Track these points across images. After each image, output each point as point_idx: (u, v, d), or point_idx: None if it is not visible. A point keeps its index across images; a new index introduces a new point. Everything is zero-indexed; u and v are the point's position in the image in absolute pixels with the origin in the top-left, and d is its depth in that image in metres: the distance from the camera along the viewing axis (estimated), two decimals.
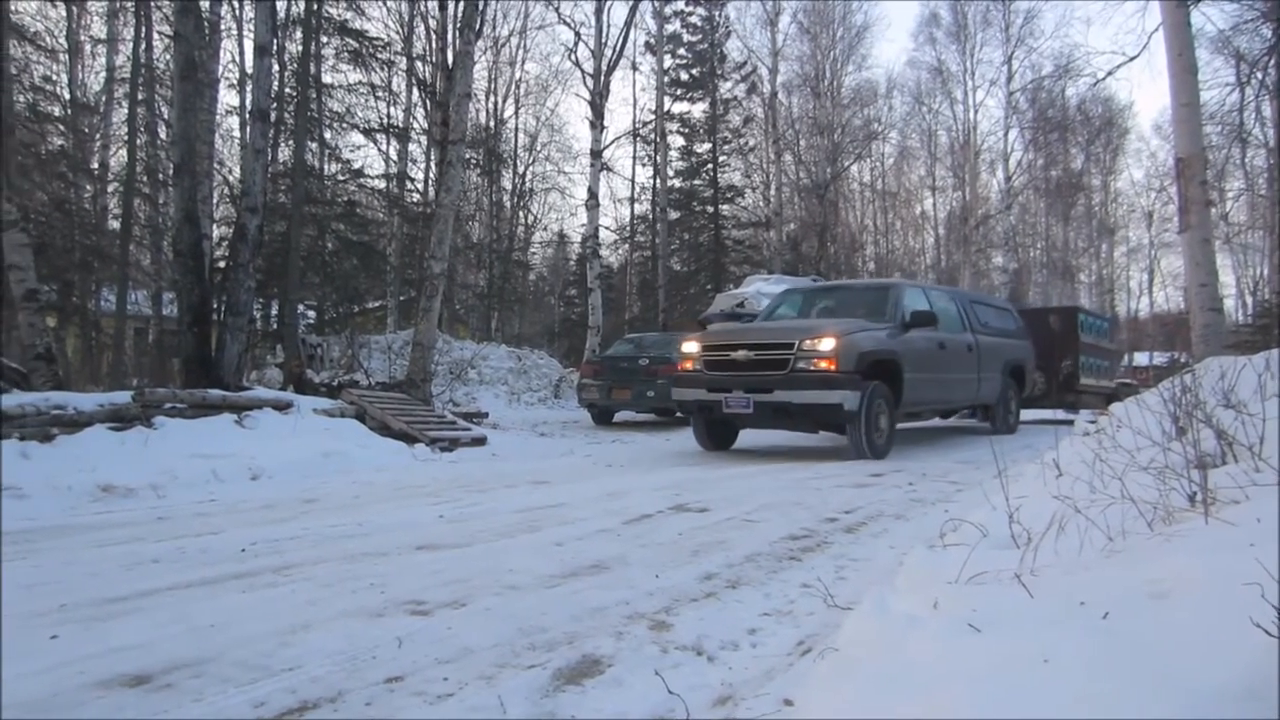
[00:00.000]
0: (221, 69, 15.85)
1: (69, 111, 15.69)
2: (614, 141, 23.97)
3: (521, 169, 26.83)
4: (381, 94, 17.33)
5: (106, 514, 4.47)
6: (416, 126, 20.36)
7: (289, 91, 15.00)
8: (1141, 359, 29.34)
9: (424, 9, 19.38)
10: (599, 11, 18.52)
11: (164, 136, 16.20)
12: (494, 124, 25.50)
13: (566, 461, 7.50)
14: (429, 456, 7.38)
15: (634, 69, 24.89)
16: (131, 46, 16.56)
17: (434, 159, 18.61)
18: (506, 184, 26.45)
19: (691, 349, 7.35)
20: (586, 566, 3.05)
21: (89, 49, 17.86)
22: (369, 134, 16.90)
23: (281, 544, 3.52)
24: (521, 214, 27.67)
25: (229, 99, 17.80)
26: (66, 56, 16.26)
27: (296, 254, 12.98)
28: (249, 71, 13.20)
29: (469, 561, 3.14)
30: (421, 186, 20.48)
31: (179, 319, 8.92)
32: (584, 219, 22.08)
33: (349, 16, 15.49)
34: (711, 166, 24.92)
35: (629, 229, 28.77)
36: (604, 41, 18.69)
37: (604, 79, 18.74)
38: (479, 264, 24.82)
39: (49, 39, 14.60)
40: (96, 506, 4.69)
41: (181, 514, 4.42)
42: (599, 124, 18.60)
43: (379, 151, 19.63)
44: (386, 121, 18.50)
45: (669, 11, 22.99)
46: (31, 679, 1.94)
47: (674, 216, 24.81)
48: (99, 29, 17.89)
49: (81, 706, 1.81)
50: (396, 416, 8.15)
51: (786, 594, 2.67)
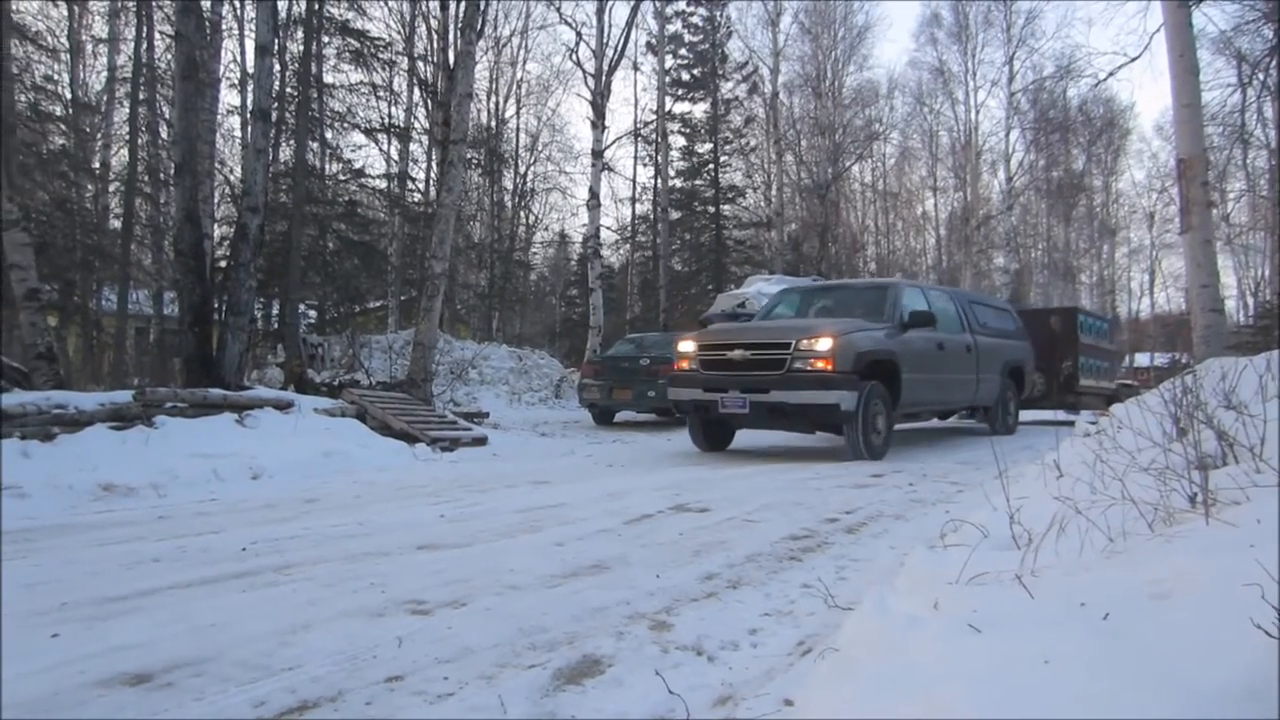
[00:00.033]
0: (223, 69, 15.90)
1: (70, 111, 15.71)
2: (615, 141, 24.04)
3: (523, 169, 26.91)
4: (383, 94, 17.38)
5: (107, 513, 4.48)
6: (418, 126, 20.39)
7: (290, 91, 15.01)
8: (1142, 360, 29.39)
9: (425, 9, 19.42)
10: (600, 11, 18.56)
11: (165, 136, 16.22)
12: (495, 124, 25.53)
13: (567, 461, 7.50)
14: (430, 456, 7.38)
15: (635, 69, 24.99)
16: (133, 46, 16.60)
17: (435, 159, 18.64)
18: (508, 184, 26.51)
19: (687, 348, 7.30)
20: (587, 566, 3.05)
21: (90, 48, 17.91)
22: (370, 134, 16.92)
23: (282, 543, 3.53)
24: (523, 214, 27.74)
25: (230, 99, 17.84)
26: (68, 56, 16.27)
27: (298, 254, 12.98)
28: (250, 71, 13.25)
29: (469, 561, 3.14)
30: (423, 186, 20.50)
31: (180, 318, 8.94)
32: (585, 219, 22.15)
33: (350, 16, 15.53)
34: (713, 166, 24.94)
35: (630, 229, 28.82)
36: (605, 41, 18.73)
37: (605, 79, 18.75)
38: (480, 264, 24.83)
39: (50, 38, 14.61)
40: (97, 505, 4.69)
41: (182, 513, 4.42)
42: (600, 124, 18.62)
43: (380, 151, 19.66)
44: (388, 121, 18.52)
45: (670, 12, 23.03)
46: (32, 678, 1.95)
47: (675, 216, 24.83)
48: (100, 28, 17.97)
49: (82, 706, 1.81)
50: (397, 416, 8.15)
51: (787, 594, 2.67)
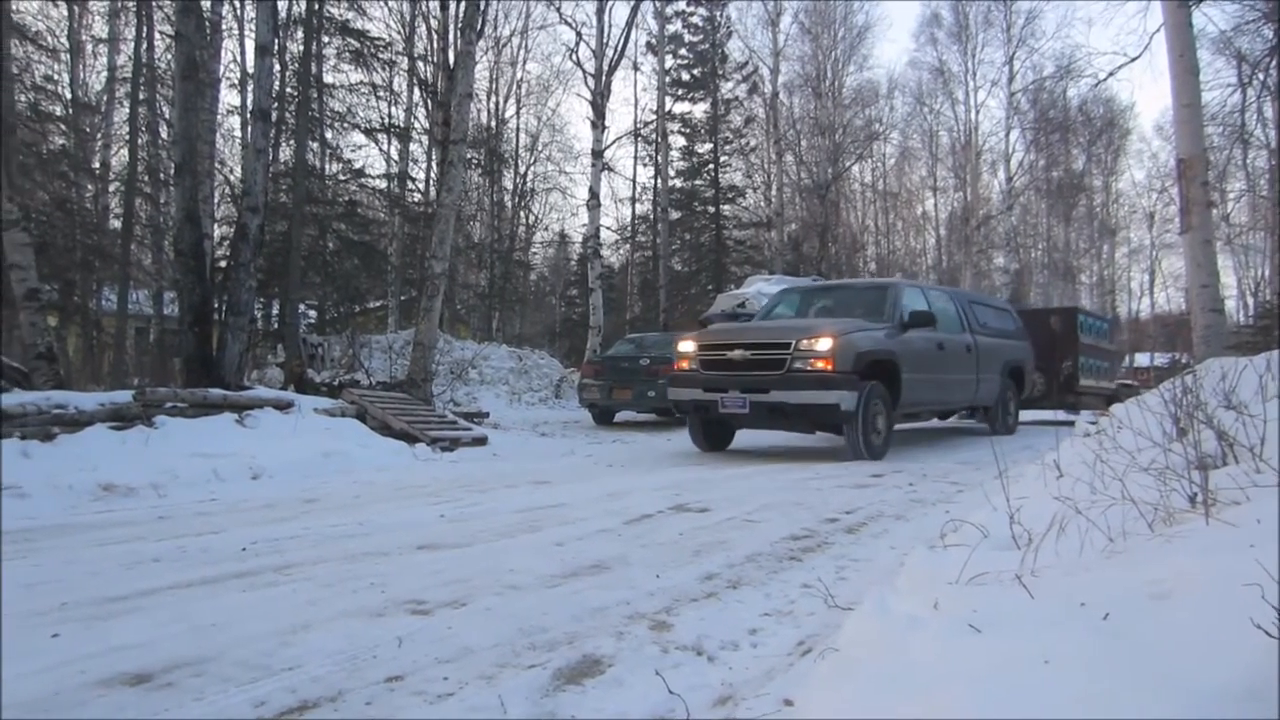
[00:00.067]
0: (223, 69, 15.90)
1: (70, 111, 15.71)
2: (615, 141, 24.04)
3: (523, 169, 26.90)
4: (383, 94, 17.37)
5: (107, 513, 4.48)
6: (418, 126, 20.38)
7: (290, 91, 15.01)
8: (1142, 360, 29.39)
9: (425, 9, 19.42)
10: (600, 11, 18.56)
11: (165, 136, 16.22)
12: (495, 124, 25.53)
13: (567, 461, 7.50)
14: (430, 456, 7.38)
15: (635, 69, 24.98)
16: (133, 46, 16.60)
17: (435, 159, 18.63)
18: (508, 184, 26.51)
19: (687, 348, 7.29)
20: (587, 566, 3.05)
21: (90, 48, 17.90)
22: (370, 134, 16.91)
23: (282, 543, 3.53)
24: (523, 214, 27.73)
25: (230, 99, 17.83)
26: (68, 56, 16.27)
27: (297, 254, 12.98)
28: (250, 71, 13.24)
29: (469, 561, 3.14)
30: (423, 186, 20.49)
31: (180, 318, 8.94)
32: (585, 219, 22.15)
33: (350, 16, 15.52)
34: (713, 167, 24.94)
35: (630, 229, 28.82)
36: (605, 41, 18.73)
37: (605, 79, 18.75)
38: (480, 264, 24.83)
39: (50, 38, 14.60)
40: (97, 505, 4.69)
41: (182, 513, 4.43)
42: (600, 124, 18.62)
43: (380, 151, 19.65)
44: (388, 121, 18.51)
45: (670, 12, 23.03)
46: (32, 678, 1.95)
47: (675, 216, 24.83)
48: (100, 28, 17.97)
49: (82, 705, 1.81)
50: (397, 416, 8.15)
51: (787, 594, 2.67)
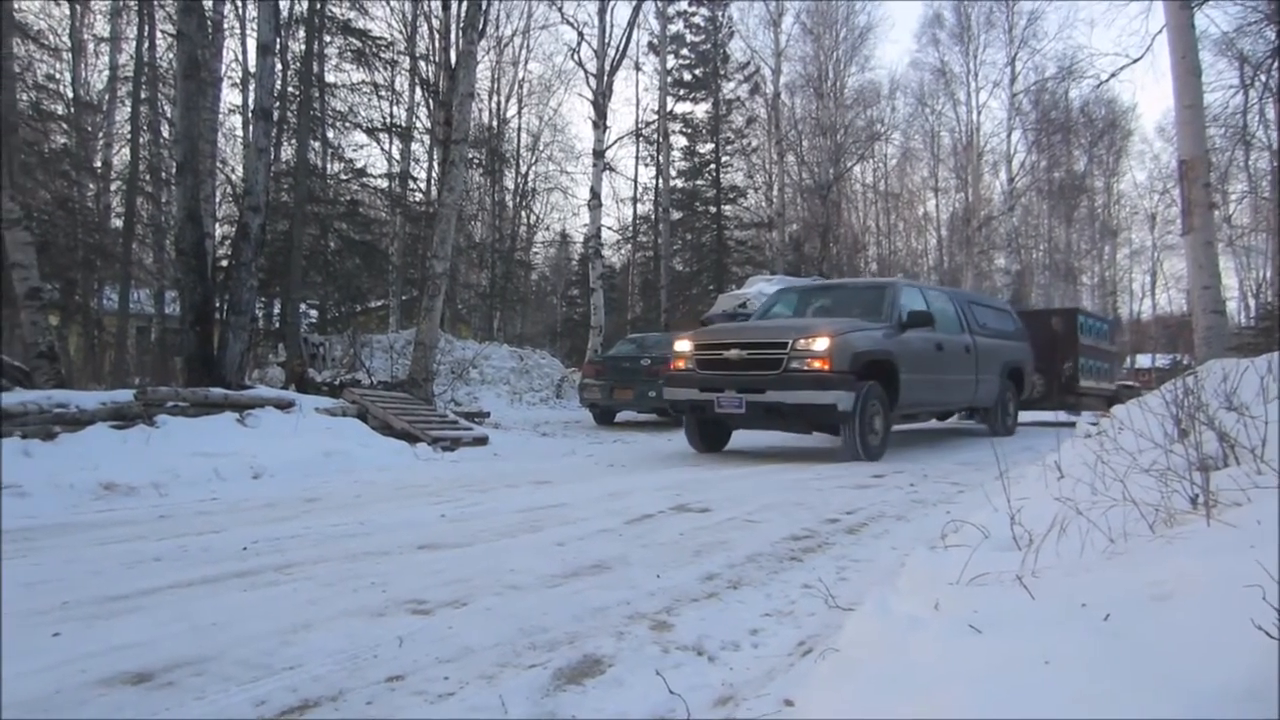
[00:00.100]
0: (224, 68, 15.85)
1: (72, 110, 15.72)
2: (617, 141, 24.04)
3: (524, 169, 26.89)
4: (384, 93, 17.33)
5: (108, 512, 4.48)
6: (419, 126, 20.39)
7: (292, 90, 15.01)
8: (1144, 361, 29.37)
9: (427, 9, 19.43)
10: (602, 11, 18.59)
11: (167, 135, 16.23)
12: (497, 123, 25.55)
13: (568, 461, 7.50)
14: (431, 456, 7.38)
15: (637, 69, 24.98)
16: (134, 45, 16.61)
17: (436, 158, 18.65)
18: (509, 184, 26.49)
19: (684, 348, 7.24)
20: (588, 566, 3.05)
21: (92, 47, 17.96)
22: (372, 133, 16.92)
23: (283, 543, 3.53)
24: (524, 214, 27.72)
25: (232, 98, 17.81)
26: (69, 55, 16.27)
27: (299, 253, 12.98)
28: (252, 70, 13.26)
29: (470, 561, 3.14)
30: (424, 186, 20.48)
31: (181, 318, 8.94)
32: (586, 219, 22.13)
33: (352, 16, 15.52)
34: (714, 167, 24.95)
35: (631, 229, 28.81)
36: (607, 41, 18.75)
37: (607, 79, 18.76)
38: (481, 263, 24.83)
39: (52, 37, 14.60)
40: (98, 504, 4.70)
41: (183, 512, 4.43)
42: (602, 124, 18.63)
43: (382, 151, 19.67)
44: (389, 121, 18.51)
45: (672, 12, 23.05)
46: (33, 677, 1.95)
47: (676, 217, 24.84)
48: (102, 27, 18.00)
49: (83, 705, 1.81)
50: (398, 416, 8.16)
51: (788, 594, 2.66)
